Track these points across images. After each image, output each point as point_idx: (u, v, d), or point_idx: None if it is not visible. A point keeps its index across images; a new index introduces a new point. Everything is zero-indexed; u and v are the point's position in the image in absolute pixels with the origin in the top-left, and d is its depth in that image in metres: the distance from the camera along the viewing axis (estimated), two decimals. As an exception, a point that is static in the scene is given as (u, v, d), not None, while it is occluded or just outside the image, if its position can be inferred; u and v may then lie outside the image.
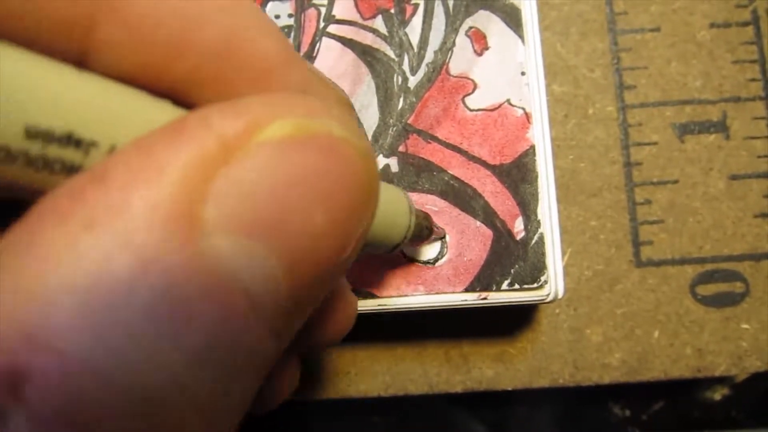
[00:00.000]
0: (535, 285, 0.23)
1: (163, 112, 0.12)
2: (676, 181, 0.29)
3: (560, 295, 0.25)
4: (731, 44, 0.29)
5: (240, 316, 0.10)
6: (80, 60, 0.12)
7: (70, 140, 0.10)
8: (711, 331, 0.28)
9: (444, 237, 0.24)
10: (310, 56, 0.26)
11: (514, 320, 0.28)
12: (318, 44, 0.26)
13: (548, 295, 0.24)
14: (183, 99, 0.13)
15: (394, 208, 0.19)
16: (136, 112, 0.11)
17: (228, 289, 0.10)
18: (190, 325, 0.10)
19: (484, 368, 0.28)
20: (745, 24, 0.29)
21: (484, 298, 0.23)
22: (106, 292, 0.09)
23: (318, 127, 0.11)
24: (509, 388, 0.28)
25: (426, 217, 0.22)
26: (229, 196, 0.10)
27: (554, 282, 0.24)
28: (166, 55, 0.12)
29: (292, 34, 0.26)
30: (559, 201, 0.28)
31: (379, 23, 0.26)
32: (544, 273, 0.23)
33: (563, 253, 0.28)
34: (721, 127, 0.29)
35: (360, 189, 0.12)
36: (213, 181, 0.10)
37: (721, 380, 0.28)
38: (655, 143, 0.29)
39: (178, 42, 0.12)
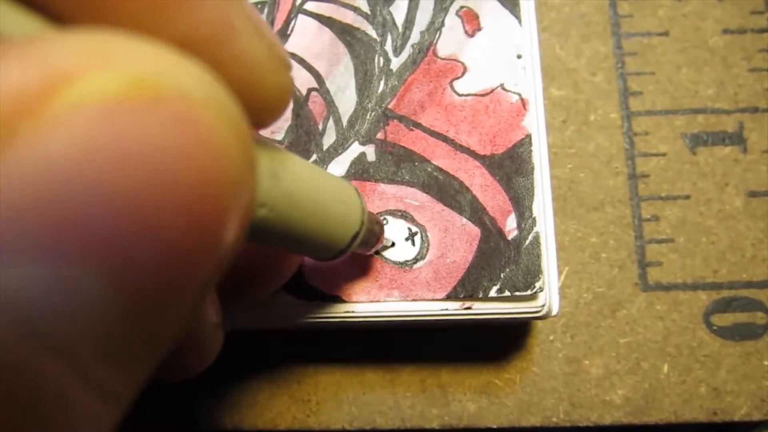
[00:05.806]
0: (529, 292, 0.19)
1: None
2: (687, 197, 0.25)
3: (555, 311, 0.21)
4: (747, 51, 0.27)
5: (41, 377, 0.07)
6: None
7: None
8: (729, 367, 0.24)
9: (392, 245, 0.20)
10: (284, 34, 0.23)
11: (502, 346, 0.25)
12: (293, 21, 0.23)
13: (543, 306, 0.20)
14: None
15: (344, 204, 0.15)
16: None
17: (13, 344, 0.07)
18: None
19: (466, 401, 0.24)
20: (762, 31, 0.27)
21: (468, 308, 0.20)
22: None
23: (165, 84, 0.08)
24: (494, 426, 0.24)
25: (378, 222, 0.18)
26: (13, 192, 0.07)
27: (549, 292, 0.21)
28: None
29: (266, 11, 0.23)
30: (555, 214, 0.25)
31: (361, 1, 0.23)
32: (539, 278, 0.19)
33: (559, 272, 0.25)
34: (737, 139, 0.26)
35: (228, 177, 0.08)
36: None
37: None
38: (663, 154, 0.26)
39: None
